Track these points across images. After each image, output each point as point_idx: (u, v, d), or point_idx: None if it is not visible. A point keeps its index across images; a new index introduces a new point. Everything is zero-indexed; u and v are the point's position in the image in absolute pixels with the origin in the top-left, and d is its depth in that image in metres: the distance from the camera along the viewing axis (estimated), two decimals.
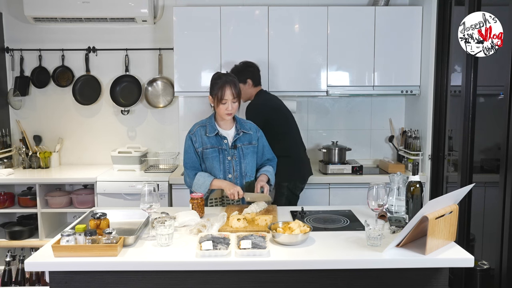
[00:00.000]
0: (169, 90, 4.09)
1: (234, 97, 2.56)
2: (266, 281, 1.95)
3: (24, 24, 4.04)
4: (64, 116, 4.17)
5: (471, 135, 3.08)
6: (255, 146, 2.73)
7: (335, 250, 1.98)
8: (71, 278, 1.92)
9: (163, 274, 1.93)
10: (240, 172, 2.68)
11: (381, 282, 1.97)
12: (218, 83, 2.57)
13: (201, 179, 2.62)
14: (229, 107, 2.56)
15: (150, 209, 2.18)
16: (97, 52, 4.09)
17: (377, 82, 3.80)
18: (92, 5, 3.72)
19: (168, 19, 3.99)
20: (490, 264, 2.96)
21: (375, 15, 3.74)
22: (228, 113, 2.58)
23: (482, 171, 3.41)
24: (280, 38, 3.75)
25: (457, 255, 1.94)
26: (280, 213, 2.52)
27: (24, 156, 4.01)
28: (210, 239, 1.99)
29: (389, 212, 2.27)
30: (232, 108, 2.57)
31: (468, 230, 3.21)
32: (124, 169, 3.86)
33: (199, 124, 2.71)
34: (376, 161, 4.19)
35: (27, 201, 3.71)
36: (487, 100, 3.38)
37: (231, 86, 2.56)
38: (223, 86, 2.55)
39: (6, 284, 3.08)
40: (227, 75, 2.64)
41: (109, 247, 1.90)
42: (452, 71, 3.49)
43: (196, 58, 3.76)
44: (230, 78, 2.61)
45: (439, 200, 1.92)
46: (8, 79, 4.11)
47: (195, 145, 2.66)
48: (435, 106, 3.62)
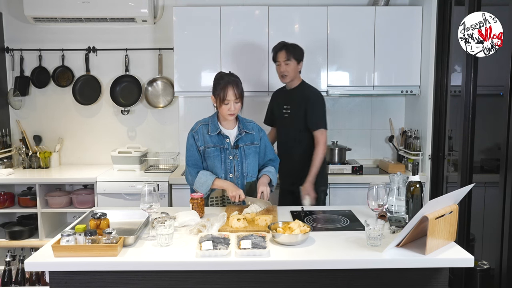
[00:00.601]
0: (169, 90, 4.09)
1: (237, 97, 2.56)
2: (266, 281, 1.95)
3: (24, 24, 4.04)
4: (64, 116, 4.17)
5: (471, 135, 3.08)
6: (257, 146, 2.73)
7: (335, 250, 1.98)
8: (71, 278, 1.92)
9: (163, 274, 1.93)
10: (241, 172, 2.68)
11: (381, 282, 1.97)
12: (221, 83, 2.57)
13: (203, 178, 2.62)
14: (232, 108, 2.56)
15: (150, 209, 2.18)
16: (97, 52, 4.09)
17: (377, 82, 3.80)
18: (92, 5, 3.72)
19: (168, 19, 3.99)
20: (490, 264, 2.96)
21: (375, 15, 3.74)
22: (230, 113, 2.58)
23: (482, 171, 3.41)
24: (280, 38, 3.73)
25: (457, 255, 1.94)
26: (280, 213, 2.52)
27: (24, 156, 4.01)
28: (210, 239, 1.99)
29: (389, 212, 2.27)
30: (234, 108, 2.57)
31: (468, 230, 3.20)
32: (124, 169, 3.86)
33: (202, 122, 2.71)
34: (376, 161, 4.19)
35: (27, 201, 3.71)
36: (487, 100, 3.39)
37: (233, 86, 2.55)
38: (225, 86, 2.55)
39: (6, 284, 3.08)
40: (229, 75, 2.63)
41: (109, 247, 1.90)
42: (452, 71, 3.49)
43: (196, 58, 3.76)
44: (233, 78, 2.60)
45: (439, 200, 1.92)
46: (8, 79, 4.11)
47: (197, 143, 2.66)
48: (435, 106, 3.62)
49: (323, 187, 3.25)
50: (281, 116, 3.28)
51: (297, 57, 3.12)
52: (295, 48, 3.13)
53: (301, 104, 3.15)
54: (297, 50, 3.13)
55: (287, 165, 3.16)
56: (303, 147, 3.19)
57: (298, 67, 3.16)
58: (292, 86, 3.22)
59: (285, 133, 3.28)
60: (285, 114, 3.25)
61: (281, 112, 3.27)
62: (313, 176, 3.07)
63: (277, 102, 3.36)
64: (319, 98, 3.18)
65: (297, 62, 3.14)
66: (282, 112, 3.27)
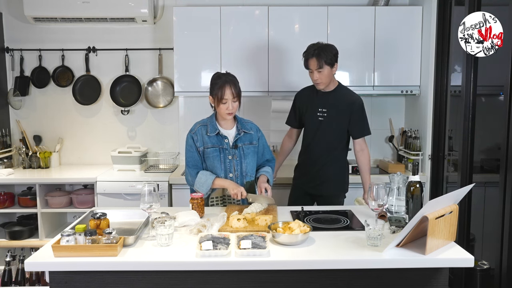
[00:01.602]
0: (169, 90, 4.09)
1: (234, 96, 2.57)
2: (266, 281, 1.95)
3: (24, 24, 4.03)
4: (64, 116, 4.17)
5: (471, 135, 3.08)
6: (256, 146, 2.73)
7: (335, 250, 1.98)
8: (71, 278, 1.92)
9: (163, 274, 1.93)
10: (241, 172, 2.69)
11: (381, 282, 1.97)
12: (218, 83, 2.58)
13: (203, 178, 2.62)
14: (230, 107, 2.57)
15: (150, 209, 2.18)
16: (97, 52, 4.09)
17: (377, 82, 3.80)
18: (92, 5, 3.72)
19: (168, 19, 3.99)
20: (490, 264, 2.96)
21: (375, 15, 3.74)
22: (228, 112, 2.58)
23: (482, 171, 3.42)
24: (280, 38, 3.75)
25: (457, 255, 1.94)
26: (280, 213, 2.52)
27: (24, 156, 4.01)
28: (210, 239, 1.99)
29: (389, 212, 2.27)
30: (232, 107, 2.57)
31: (468, 230, 3.20)
32: (124, 169, 3.86)
33: (200, 123, 2.72)
34: (376, 161, 4.19)
35: (27, 201, 3.71)
36: (487, 100, 3.39)
37: (231, 85, 2.56)
38: (223, 85, 2.55)
39: (6, 284, 3.08)
40: (227, 75, 2.64)
41: (109, 247, 1.90)
42: (452, 71, 3.49)
43: (196, 58, 3.76)
44: (230, 77, 2.61)
45: (439, 200, 1.92)
46: (8, 79, 4.11)
47: (197, 144, 2.66)
48: (435, 106, 3.62)
49: (344, 191, 3.21)
50: (314, 119, 3.07)
51: (330, 61, 2.91)
52: (326, 52, 2.91)
53: (343, 110, 3.00)
54: (329, 53, 2.91)
55: (314, 168, 3.10)
56: (337, 153, 3.11)
57: (332, 71, 2.96)
58: (329, 89, 3.04)
59: (318, 137, 3.07)
60: (320, 117, 3.04)
61: (314, 115, 3.06)
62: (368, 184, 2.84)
63: (308, 104, 3.12)
64: (362, 105, 3.04)
65: (330, 67, 2.93)
66: (315, 115, 3.06)
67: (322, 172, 3.09)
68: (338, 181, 3.13)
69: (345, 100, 3.02)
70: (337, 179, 3.12)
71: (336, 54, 2.97)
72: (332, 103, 3.03)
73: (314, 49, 2.93)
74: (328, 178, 3.09)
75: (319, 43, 2.99)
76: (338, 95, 3.04)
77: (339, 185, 3.14)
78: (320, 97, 3.06)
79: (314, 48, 2.93)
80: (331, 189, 3.12)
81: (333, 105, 3.02)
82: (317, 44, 2.98)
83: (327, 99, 3.04)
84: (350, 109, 3.00)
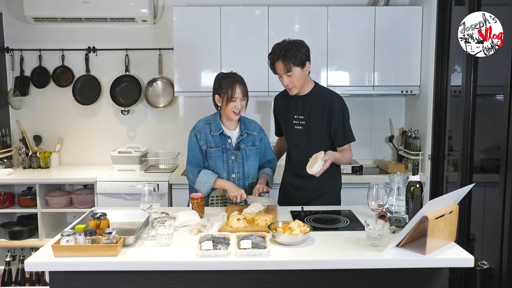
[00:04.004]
0: (169, 90, 4.09)
1: (244, 95, 2.57)
2: (266, 281, 1.95)
3: (24, 24, 4.04)
4: (64, 116, 4.17)
5: (471, 135, 3.08)
6: (258, 147, 2.73)
7: (335, 250, 1.98)
8: (71, 278, 1.92)
9: (163, 274, 1.93)
10: (243, 173, 2.69)
11: (381, 282, 1.97)
12: (227, 81, 2.56)
13: (205, 177, 2.62)
14: (238, 105, 2.56)
15: (150, 209, 2.18)
16: (97, 52, 4.09)
17: (377, 82, 3.80)
18: (92, 5, 3.72)
19: (168, 19, 3.99)
20: (490, 264, 2.96)
21: (375, 15, 3.74)
22: (236, 111, 2.58)
23: (482, 171, 3.41)
24: (280, 38, 3.70)
25: (457, 255, 1.94)
26: (280, 213, 2.52)
27: (24, 156, 4.01)
28: (210, 239, 1.99)
29: (389, 212, 2.27)
30: (241, 106, 2.57)
31: (468, 230, 3.20)
32: (124, 169, 3.86)
33: (204, 121, 2.70)
34: (376, 161, 4.19)
35: (27, 201, 3.71)
36: (487, 100, 3.38)
37: (240, 84, 2.56)
38: (233, 84, 2.55)
39: (6, 284, 3.08)
40: (233, 74, 2.63)
41: (109, 247, 1.90)
42: (452, 71, 3.49)
43: (196, 58, 3.76)
44: (238, 76, 2.61)
45: (439, 200, 1.92)
46: (8, 79, 4.11)
47: (200, 142, 2.66)
48: (435, 106, 3.62)
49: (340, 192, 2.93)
50: (291, 129, 2.72)
51: (300, 61, 2.53)
52: (294, 52, 2.52)
53: (322, 115, 2.63)
54: (297, 52, 2.52)
55: (302, 188, 2.75)
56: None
57: (304, 72, 2.57)
58: (303, 92, 2.67)
59: (298, 149, 2.73)
60: (297, 126, 2.69)
61: (291, 123, 2.72)
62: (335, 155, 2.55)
63: (282, 111, 2.78)
64: (344, 107, 2.66)
65: (301, 68, 2.54)
66: (291, 123, 2.71)
67: (312, 192, 2.75)
68: (330, 199, 2.79)
69: (323, 103, 2.63)
70: (329, 198, 2.78)
71: (307, 51, 2.57)
72: (309, 108, 2.65)
73: (279, 50, 2.55)
74: (319, 195, 2.75)
75: (284, 41, 2.60)
76: (314, 98, 2.65)
77: (330, 201, 2.78)
78: (295, 102, 2.69)
79: (279, 49, 2.55)
80: (322, 204, 2.73)
81: (310, 110, 2.65)
82: (283, 43, 2.59)
83: (302, 104, 2.67)
84: (329, 114, 2.62)
